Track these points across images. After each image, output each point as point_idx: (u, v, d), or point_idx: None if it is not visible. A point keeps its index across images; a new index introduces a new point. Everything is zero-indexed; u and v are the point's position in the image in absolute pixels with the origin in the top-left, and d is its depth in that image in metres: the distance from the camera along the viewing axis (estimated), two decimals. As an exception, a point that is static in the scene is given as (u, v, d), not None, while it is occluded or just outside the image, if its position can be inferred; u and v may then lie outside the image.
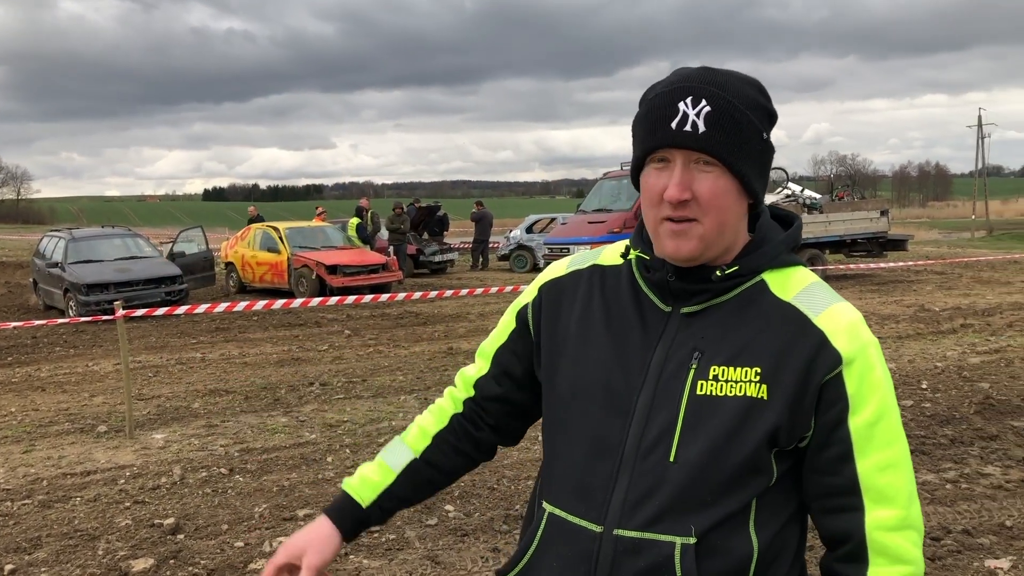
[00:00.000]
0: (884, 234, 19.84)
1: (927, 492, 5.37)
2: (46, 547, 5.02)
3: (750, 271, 1.42)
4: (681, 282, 1.41)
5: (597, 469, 1.41)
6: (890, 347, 10.61)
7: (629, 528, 1.36)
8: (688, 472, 1.35)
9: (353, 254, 19.01)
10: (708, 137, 1.33)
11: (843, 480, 1.37)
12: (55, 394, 9.40)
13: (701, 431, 1.36)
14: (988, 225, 45.25)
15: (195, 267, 18.25)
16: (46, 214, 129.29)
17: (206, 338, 13.12)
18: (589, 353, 1.47)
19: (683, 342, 1.41)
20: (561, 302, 1.54)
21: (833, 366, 1.35)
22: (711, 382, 1.37)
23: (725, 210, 1.37)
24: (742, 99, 1.37)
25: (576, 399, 1.46)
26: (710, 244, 1.38)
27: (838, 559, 1.41)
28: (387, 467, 1.64)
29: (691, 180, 1.34)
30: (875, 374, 1.37)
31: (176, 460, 6.70)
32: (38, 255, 18.11)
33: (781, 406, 1.35)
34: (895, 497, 1.37)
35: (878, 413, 1.37)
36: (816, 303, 1.40)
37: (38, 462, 6.80)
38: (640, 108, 1.43)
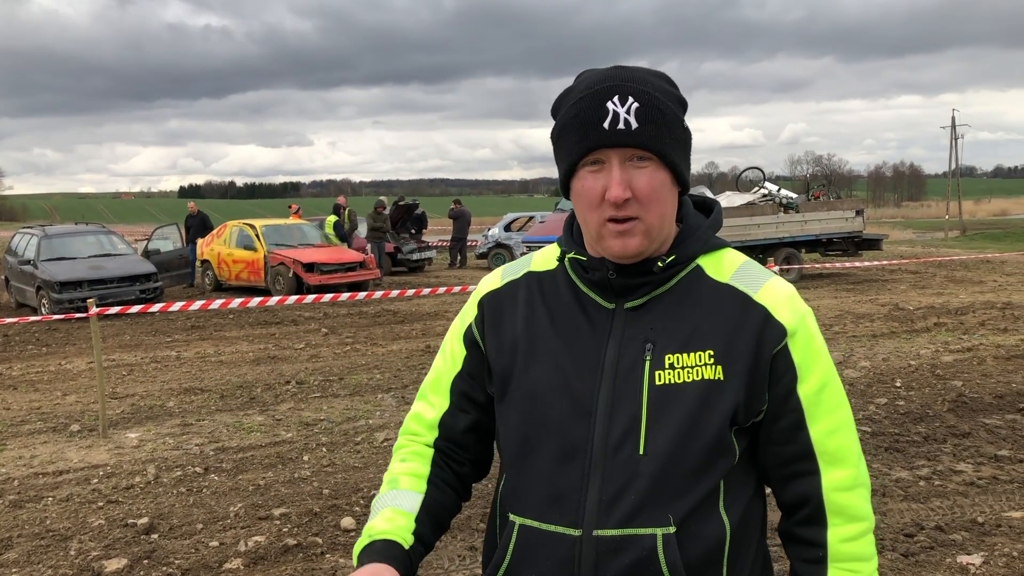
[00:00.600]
0: (859, 234, 19.99)
1: (900, 489, 5.42)
2: (17, 547, 4.95)
3: (686, 258, 1.45)
4: (622, 278, 1.42)
5: (567, 473, 1.40)
6: (865, 345, 10.70)
7: (608, 527, 1.37)
8: (660, 463, 1.37)
9: (330, 252, 18.92)
10: (642, 132, 1.35)
11: (798, 447, 1.43)
12: (27, 393, 9.29)
13: (666, 420, 1.37)
14: (961, 225, 45.74)
15: (170, 265, 18.10)
16: (19, 211, 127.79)
17: (181, 336, 13.01)
18: (540, 359, 1.46)
19: (633, 336, 1.42)
20: (503, 313, 1.53)
21: (780, 338, 1.40)
22: (668, 371, 1.39)
23: (663, 203, 1.40)
24: (661, 91, 1.39)
25: (534, 407, 1.45)
26: (653, 238, 1.40)
27: (797, 523, 1.47)
28: (403, 511, 1.50)
29: (629, 178, 1.36)
30: (816, 342, 1.44)
31: (150, 459, 6.64)
32: (10, 252, 17.88)
33: (738, 384, 1.39)
34: (847, 458, 1.44)
35: (823, 379, 1.43)
36: (753, 281, 1.45)
37: (9, 461, 6.71)
38: (562, 116, 1.43)
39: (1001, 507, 5.11)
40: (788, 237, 18.82)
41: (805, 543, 1.46)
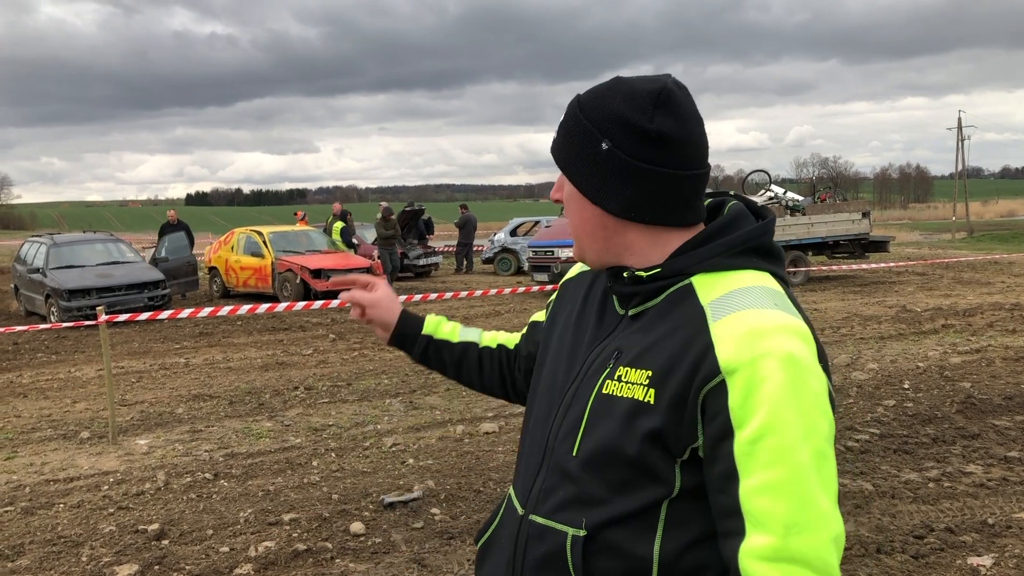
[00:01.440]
0: (866, 236, 19.96)
1: (910, 491, 5.41)
2: (29, 554, 4.98)
3: (674, 273, 1.38)
4: (616, 286, 1.47)
5: (532, 456, 1.52)
6: (872, 347, 10.68)
7: (539, 514, 1.45)
8: (584, 466, 1.40)
9: (337, 258, 18.95)
10: (554, 143, 1.47)
11: (729, 500, 1.26)
12: (37, 400, 9.33)
13: (597, 429, 1.39)
14: (968, 226, 45.59)
15: (178, 272, 18.16)
16: (27, 220, 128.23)
17: (190, 343, 13.05)
18: (554, 350, 1.58)
19: (612, 343, 1.46)
20: (564, 300, 1.66)
21: (709, 376, 1.27)
22: (615, 382, 1.39)
23: (575, 214, 1.46)
24: (595, 107, 1.39)
25: (537, 391, 1.59)
26: (583, 248, 1.50)
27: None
28: (456, 331, 1.90)
29: (562, 183, 1.48)
30: (767, 387, 1.22)
31: (160, 465, 6.66)
32: (19, 261, 17.96)
33: (664, 412, 1.30)
34: (768, 523, 1.21)
35: (762, 430, 1.22)
36: (726, 308, 1.31)
37: (20, 469, 6.74)
38: None
39: (1011, 508, 5.10)
40: (794, 240, 18.80)
41: None
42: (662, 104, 1.36)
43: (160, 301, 16.21)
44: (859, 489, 5.46)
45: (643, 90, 1.37)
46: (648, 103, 1.36)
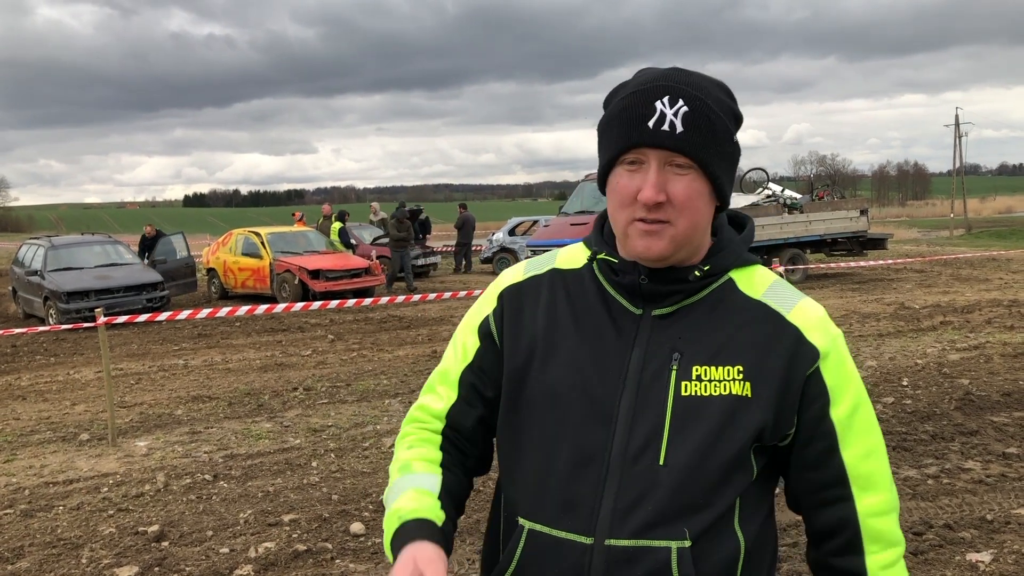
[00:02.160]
0: (864, 233, 19.99)
1: (909, 487, 5.42)
2: (29, 556, 4.98)
3: (720, 270, 1.42)
4: (653, 284, 1.39)
5: (582, 479, 1.37)
6: (871, 344, 10.69)
7: (621, 537, 1.33)
8: (679, 475, 1.34)
9: (336, 258, 18.95)
10: (686, 138, 1.31)
11: (832, 472, 1.40)
12: (36, 403, 9.33)
13: (689, 432, 1.35)
14: (966, 223, 45.66)
15: (176, 273, 18.16)
16: (24, 222, 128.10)
17: (188, 344, 13.05)
18: (561, 359, 1.42)
19: (660, 344, 1.39)
20: (523, 307, 1.49)
21: (812, 360, 1.38)
22: (695, 382, 1.36)
23: (698, 212, 1.36)
24: (715, 101, 1.36)
25: (552, 407, 1.41)
26: (680, 246, 1.37)
27: (832, 553, 1.43)
28: (426, 491, 1.46)
29: (665, 182, 1.33)
30: (848, 365, 1.42)
31: (160, 467, 6.66)
32: (17, 263, 17.96)
33: (766, 403, 1.36)
34: (880, 483, 1.42)
35: (855, 403, 1.41)
36: (786, 300, 1.43)
37: (20, 471, 6.74)
38: (610, 109, 1.40)
39: (1010, 504, 5.11)
40: (793, 238, 18.81)
41: (842, 573, 1.43)
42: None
43: (158, 303, 16.21)
44: (858, 486, 5.47)
45: (720, 81, 1.42)
46: (732, 93, 1.42)
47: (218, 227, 74.39)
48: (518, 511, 1.44)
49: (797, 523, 4.90)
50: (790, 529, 4.83)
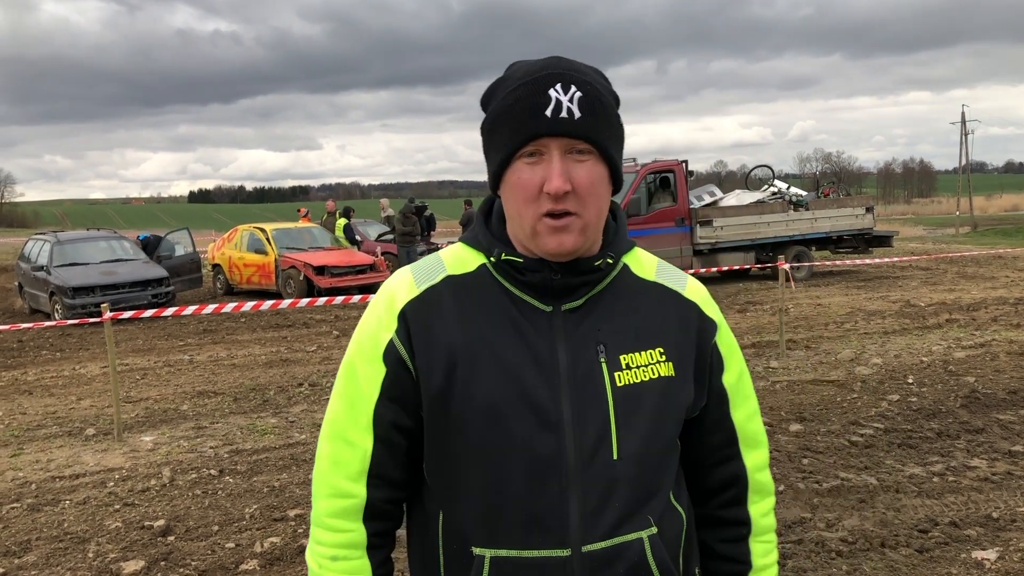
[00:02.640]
0: (870, 231, 19.94)
1: (914, 485, 5.41)
2: (36, 550, 5.00)
3: (618, 257, 1.44)
4: (566, 279, 1.36)
5: (543, 491, 1.31)
6: (876, 342, 10.67)
7: (596, 541, 1.32)
8: (634, 465, 1.36)
9: (340, 255, 18.96)
10: (585, 123, 1.29)
11: (726, 434, 1.51)
12: (42, 397, 9.35)
13: (635, 422, 1.36)
14: (972, 221, 45.54)
15: (182, 269, 18.18)
16: (30, 217, 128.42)
17: (194, 340, 13.07)
18: (489, 370, 1.33)
19: (581, 339, 1.36)
20: (431, 323, 1.37)
21: (714, 332, 1.48)
22: (626, 371, 1.37)
23: (601, 199, 1.34)
24: (600, 84, 1.35)
25: (493, 422, 1.32)
26: (589, 235, 1.35)
27: (720, 506, 1.54)
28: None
29: (568, 170, 1.30)
30: (731, 335, 1.54)
31: (165, 462, 6.68)
32: (23, 259, 17.99)
33: (689, 378, 1.43)
34: (761, 440, 1.56)
35: (740, 368, 1.53)
36: (677, 279, 1.50)
37: (26, 466, 6.76)
38: (496, 106, 1.35)
39: (1016, 502, 5.10)
40: (798, 235, 18.78)
41: (730, 523, 1.54)
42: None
43: (164, 298, 16.24)
44: (863, 483, 5.46)
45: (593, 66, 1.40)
46: (607, 78, 1.41)
47: (223, 223, 74.52)
48: (473, 540, 1.34)
49: (801, 521, 4.90)
50: (795, 527, 4.83)
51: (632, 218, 17.39)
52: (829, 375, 8.81)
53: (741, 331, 11.97)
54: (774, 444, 6.38)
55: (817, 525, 4.85)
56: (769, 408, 7.46)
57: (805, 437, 6.55)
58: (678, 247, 17.70)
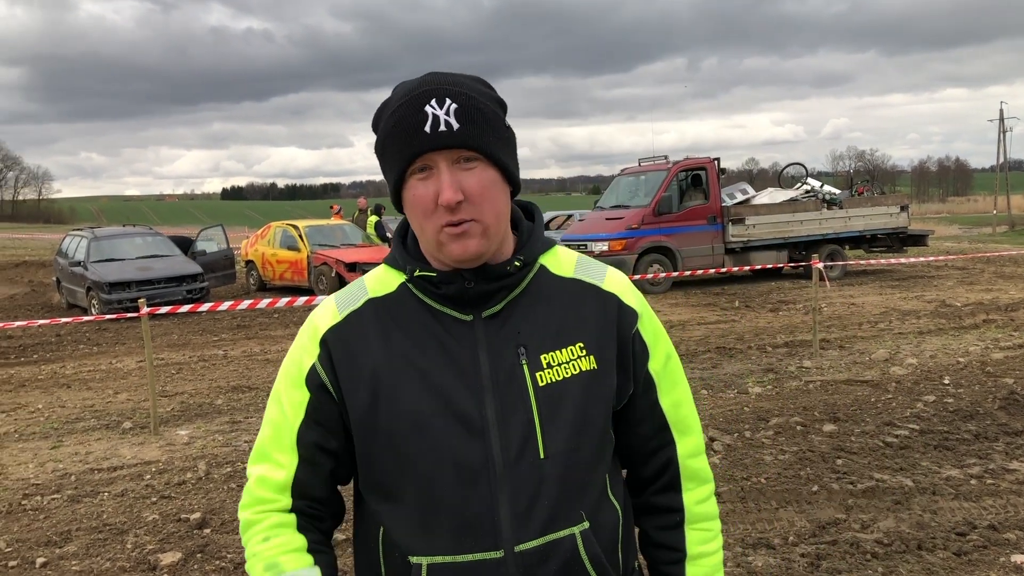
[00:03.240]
0: (904, 229, 19.72)
1: (951, 487, 5.35)
2: (76, 540, 5.09)
3: (533, 259, 1.46)
4: (479, 285, 1.39)
5: (472, 497, 1.35)
6: (911, 342, 10.55)
7: (528, 540, 1.35)
8: (562, 462, 1.38)
9: (372, 252, 19.05)
10: (464, 132, 1.33)
11: (656, 421, 1.52)
12: (80, 391, 9.51)
13: (559, 419, 1.39)
14: (1010, 220, 44.79)
15: (216, 265, 18.38)
16: (66, 214, 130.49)
17: (228, 335, 13.21)
18: (411, 387, 1.38)
19: (502, 343, 1.40)
20: (352, 347, 1.42)
21: (634, 321, 1.48)
22: (547, 370, 1.40)
23: (496, 200, 1.37)
24: (477, 92, 1.38)
25: (419, 436, 1.37)
26: (492, 238, 1.37)
27: (654, 493, 1.55)
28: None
29: (458, 180, 1.33)
30: (657, 322, 1.54)
31: (201, 456, 6.77)
32: (61, 254, 18.29)
33: (610, 370, 1.44)
34: (693, 426, 1.56)
35: (667, 354, 1.53)
36: (596, 272, 1.51)
37: (66, 457, 6.88)
38: (382, 128, 1.39)
39: (1056, 506, 5.02)
40: (831, 233, 18.62)
41: (662, 510, 1.55)
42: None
43: (198, 294, 16.43)
44: (899, 485, 5.41)
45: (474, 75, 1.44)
46: (487, 82, 1.44)
47: (255, 220, 75.19)
48: (408, 549, 1.38)
49: (836, 521, 4.86)
50: (829, 527, 4.79)
51: (663, 216, 17.34)
52: (863, 375, 8.73)
53: (774, 330, 11.89)
54: (807, 444, 6.34)
55: (852, 526, 4.81)
56: (802, 408, 7.40)
57: (839, 437, 6.50)
58: (709, 245, 17.61)
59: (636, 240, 17.08)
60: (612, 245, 16.89)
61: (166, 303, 14.41)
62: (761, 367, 9.41)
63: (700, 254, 17.45)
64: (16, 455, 7.03)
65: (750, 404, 7.72)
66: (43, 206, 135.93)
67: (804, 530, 4.79)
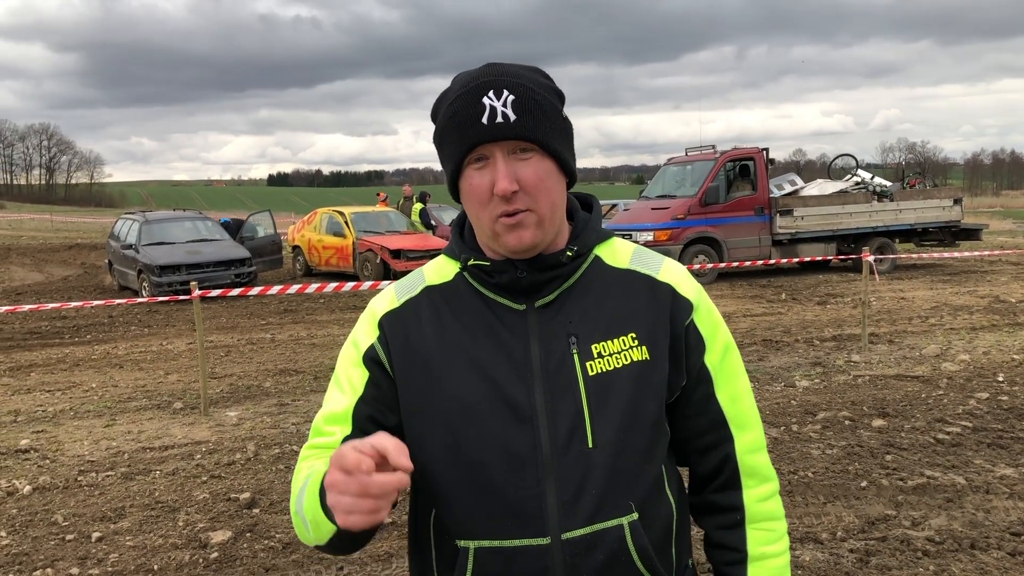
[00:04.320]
0: (957, 223, 19.31)
1: (1006, 487, 5.25)
2: (130, 517, 5.21)
3: (587, 249, 1.46)
4: (532, 275, 1.41)
5: (520, 484, 1.36)
6: (964, 338, 10.35)
7: (575, 528, 1.35)
8: (611, 452, 1.37)
9: (416, 239, 19.18)
10: (521, 124, 1.34)
11: (712, 416, 1.49)
12: (132, 371, 9.71)
13: (609, 409, 1.38)
14: (1066, 215, 43.63)
15: (263, 250, 18.61)
16: (117, 198, 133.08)
17: (275, 319, 13.39)
18: (462, 373, 1.40)
19: (554, 333, 1.41)
20: (408, 331, 1.46)
21: (689, 312, 1.46)
22: (598, 360, 1.40)
23: (551, 191, 1.38)
24: (535, 83, 1.39)
25: (468, 421, 1.39)
26: (546, 228, 1.39)
27: (713, 491, 1.52)
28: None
29: (514, 170, 1.35)
30: (715, 314, 1.51)
31: (249, 437, 6.87)
32: (113, 237, 18.66)
33: (663, 361, 1.43)
34: (752, 421, 1.52)
35: (725, 347, 1.50)
36: (652, 263, 1.50)
37: (119, 436, 7.04)
38: (440, 119, 1.41)
39: (1114, 508, 4.90)
40: (881, 226, 18.31)
41: (722, 509, 1.52)
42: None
43: (246, 278, 16.67)
44: (951, 483, 5.32)
45: (533, 66, 1.45)
46: (546, 73, 1.45)
47: (300, 206, 75.97)
48: (456, 533, 1.40)
49: (885, 517, 4.80)
50: (878, 523, 4.73)
51: (710, 206, 17.18)
52: (913, 370, 8.58)
53: (821, 324, 11.74)
54: (856, 439, 6.26)
55: (902, 523, 4.74)
56: (851, 402, 7.31)
57: (888, 433, 6.40)
58: (756, 236, 17.42)
59: (682, 230, 16.95)
60: (657, 235, 16.78)
61: (215, 287, 14.63)
62: (808, 360, 9.30)
63: (747, 245, 17.27)
64: (72, 432, 7.20)
65: (797, 397, 7.63)
66: (95, 190, 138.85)
67: (852, 525, 4.73)
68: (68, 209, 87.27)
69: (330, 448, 1.42)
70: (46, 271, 23.07)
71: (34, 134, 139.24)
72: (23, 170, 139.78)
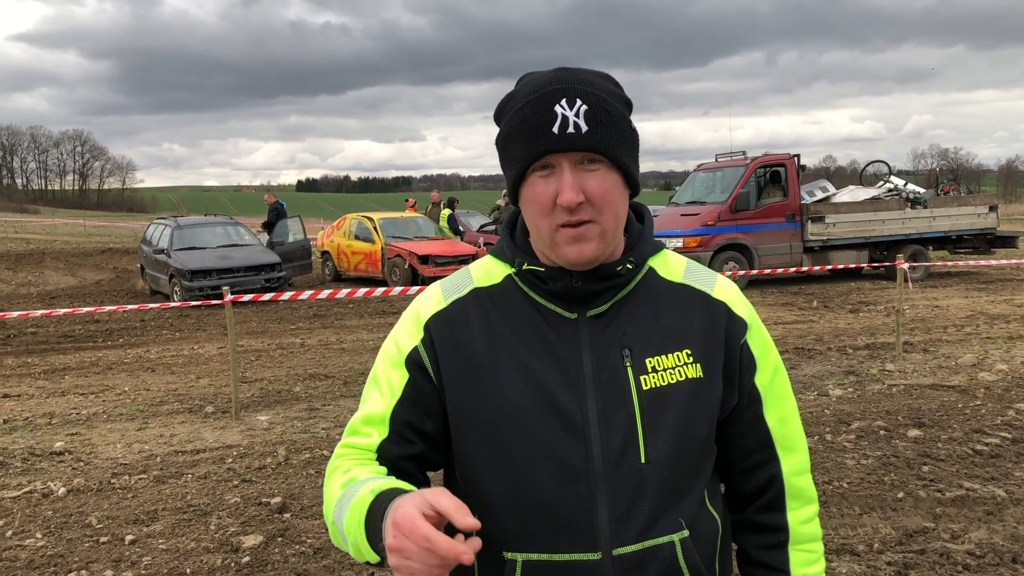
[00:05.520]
0: (993, 231, 19.01)
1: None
2: (162, 520, 5.24)
3: (642, 261, 1.43)
4: (587, 285, 1.37)
5: (570, 495, 1.33)
6: (1001, 348, 10.17)
7: (626, 544, 1.32)
8: (664, 468, 1.35)
9: (444, 244, 19.21)
10: (593, 135, 1.31)
11: (760, 436, 1.47)
12: (164, 375, 9.79)
13: (662, 425, 1.35)
14: (1104, 222, 42.91)
15: (292, 255, 18.73)
16: (148, 203, 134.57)
17: (304, 324, 13.46)
18: (514, 377, 1.36)
19: (607, 344, 1.37)
20: (456, 334, 1.41)
21: (743, 331, 1.45)
22: (652, 374, 1.36)
23: (616, 204, 1.35)
24: (608, 92, 1.36)
25: (518, 429, 1.35)
26: (609, 241, 1.36)
27: (757, 511, 1.51)
28: (384, 477, 1.34)
29: (580, 181, 1.31)
30: (765, 333, 1.50)
31: (280, 441, 6.90)
32: (145, 242, 18.85)
33: (717, 380, 1.41)
34: (799, 443, 1.51)
35: (774, 368, 1.49)
36: (706, 279, 1.48)
37: (151, 439, 7.09)
38: (507, 122, 1.37)
39: None
40: (915, 233, 18.06)
41: (766, 530, 1.50)
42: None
43: (276, 283, 16.77)
44: (991, 495, 5.21)
45: (603, 72, 1.41)
46: (616, 80, 1.42)
47: (329, 212, 76.42)
48: (504, 544, 1.36)
49: (924, 530, 4.71)
50: (916, 536, 4.65)
51: (740, 212, 17.05)
52: (949, 380, 8.44)
53: (854, 332, 11.60)
54: (891, 449, 6.16)
55: (941, 536, 4.65)
56: (885, 412, 7.20)
57: (925, 444, 6.30)
58: (787, 243, 17.26)
59: (712, 237, 16.84)
60: (687, 242, 16.68)
61: (245, 291, 14.73)
62: (841, 369, 9.19)
63: (777, 252, 17.11)
64: (105, 435, 7.27)
65: (830, 406, 7.54)
66: (127, 195, 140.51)
67: (890, 538, 4.65)
68: (101, 214, 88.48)
69: (366, 450, 1.40)
70: (79, 275, 23.38)
71: (68, 140, 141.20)
72: (57, 176, 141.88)
